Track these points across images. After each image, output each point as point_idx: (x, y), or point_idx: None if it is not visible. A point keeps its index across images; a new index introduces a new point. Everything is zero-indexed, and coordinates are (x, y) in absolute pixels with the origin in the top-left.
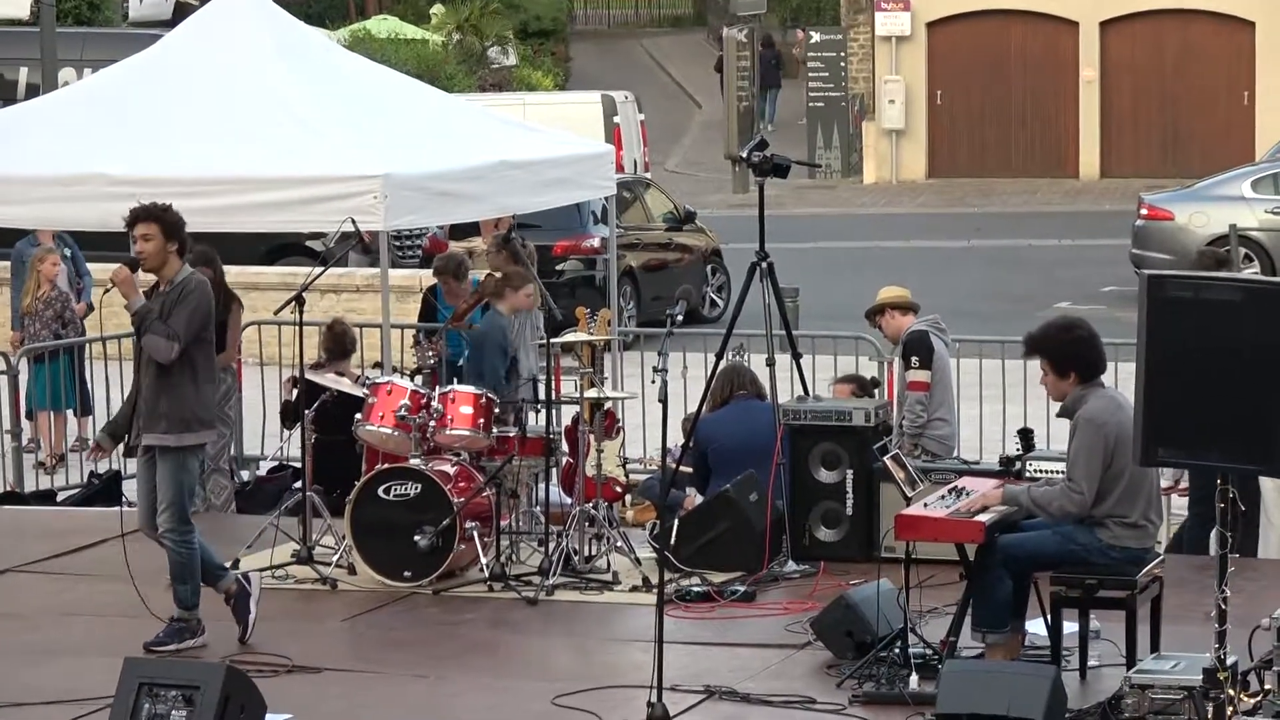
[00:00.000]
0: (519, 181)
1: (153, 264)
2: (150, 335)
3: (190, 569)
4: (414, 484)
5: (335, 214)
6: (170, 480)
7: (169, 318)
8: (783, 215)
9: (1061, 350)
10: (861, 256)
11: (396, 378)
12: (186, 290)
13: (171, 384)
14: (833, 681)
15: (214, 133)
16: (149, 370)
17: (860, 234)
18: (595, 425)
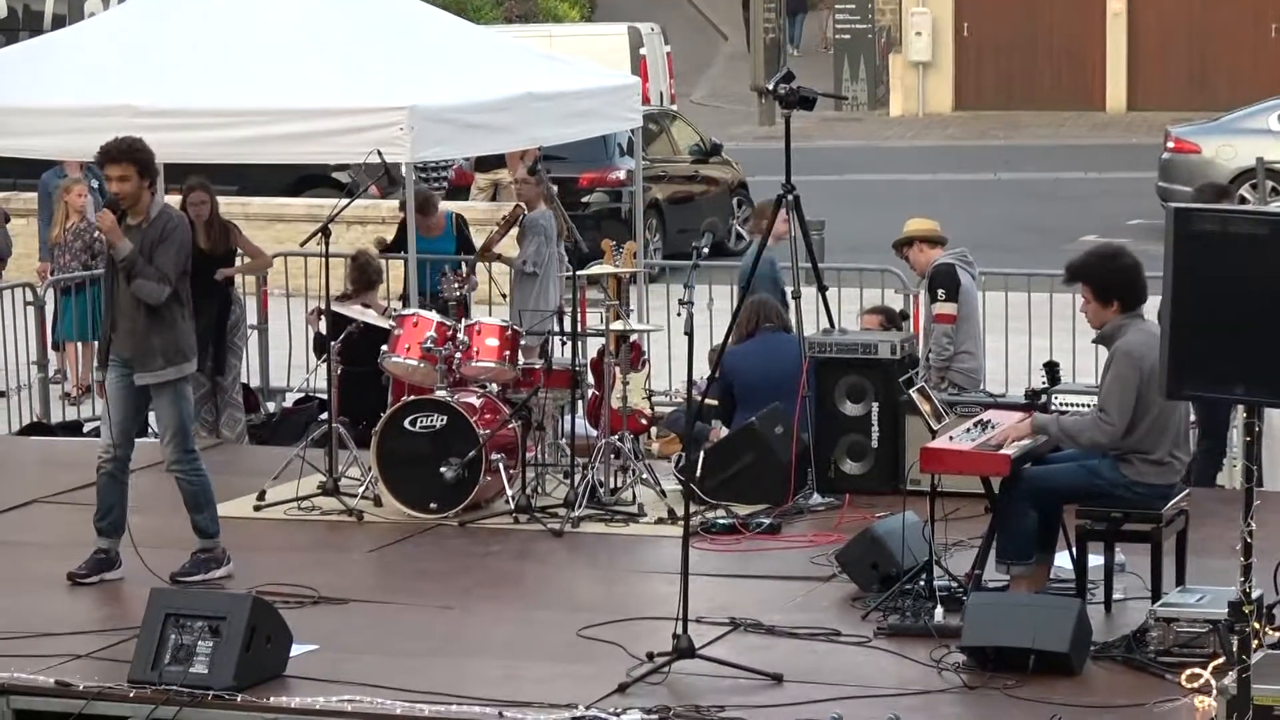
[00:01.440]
0: (545, 113)
1: (130, 203)
2: (141, 280)
3: (205, 496)
4: (440, 416)
5: (361, 145)
6: (172, 412)
7: (154, 257)
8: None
9: (1106, 278)
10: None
11: (422, 309)
12: (168, 228)
13: (162, 320)
14: (858, 614)
15: (240, 64)
16: (138, 310)
17: (887, 166)
18: (621, 358)
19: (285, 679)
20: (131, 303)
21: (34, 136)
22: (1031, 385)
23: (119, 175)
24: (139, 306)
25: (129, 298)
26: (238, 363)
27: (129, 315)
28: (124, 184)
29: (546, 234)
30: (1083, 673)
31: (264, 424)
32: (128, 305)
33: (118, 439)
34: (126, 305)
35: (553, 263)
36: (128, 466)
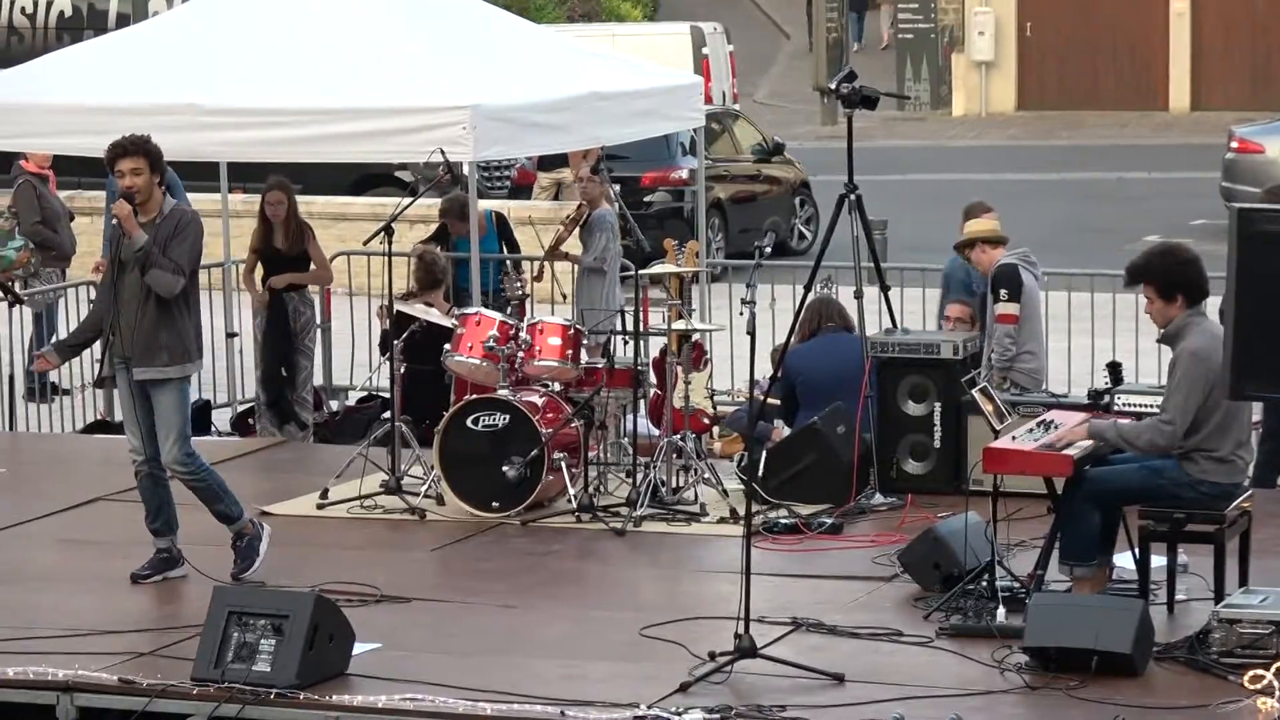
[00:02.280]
0: (607, 113)
1: (143, 197)
2: (156, 270)
3: (218, 487)
4: (502, 414)
5: (424, 145)
6: (176, 411)
7: (168, 251)
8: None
9: (1168, 274)
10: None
11: (485, 308)
12: (183, 223)
13: (171, 316)
14: (920, 614)
15: (303, 63)
16: (145, 305)
17: (949, 166)
18: (683, 357)
19: (347, 677)
20: (138, 298)
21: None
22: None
23: (131, 169)
24: (147, 301)
25: (135, 293)
26: (309, 364)
27: (133, 311)
28: (136, 177)
29: (614, 230)
30: (1145, 674)
31: (327, 423)
32: (133, 300)
33: (145, 439)
34: (132, 301)
35: (617, 261)
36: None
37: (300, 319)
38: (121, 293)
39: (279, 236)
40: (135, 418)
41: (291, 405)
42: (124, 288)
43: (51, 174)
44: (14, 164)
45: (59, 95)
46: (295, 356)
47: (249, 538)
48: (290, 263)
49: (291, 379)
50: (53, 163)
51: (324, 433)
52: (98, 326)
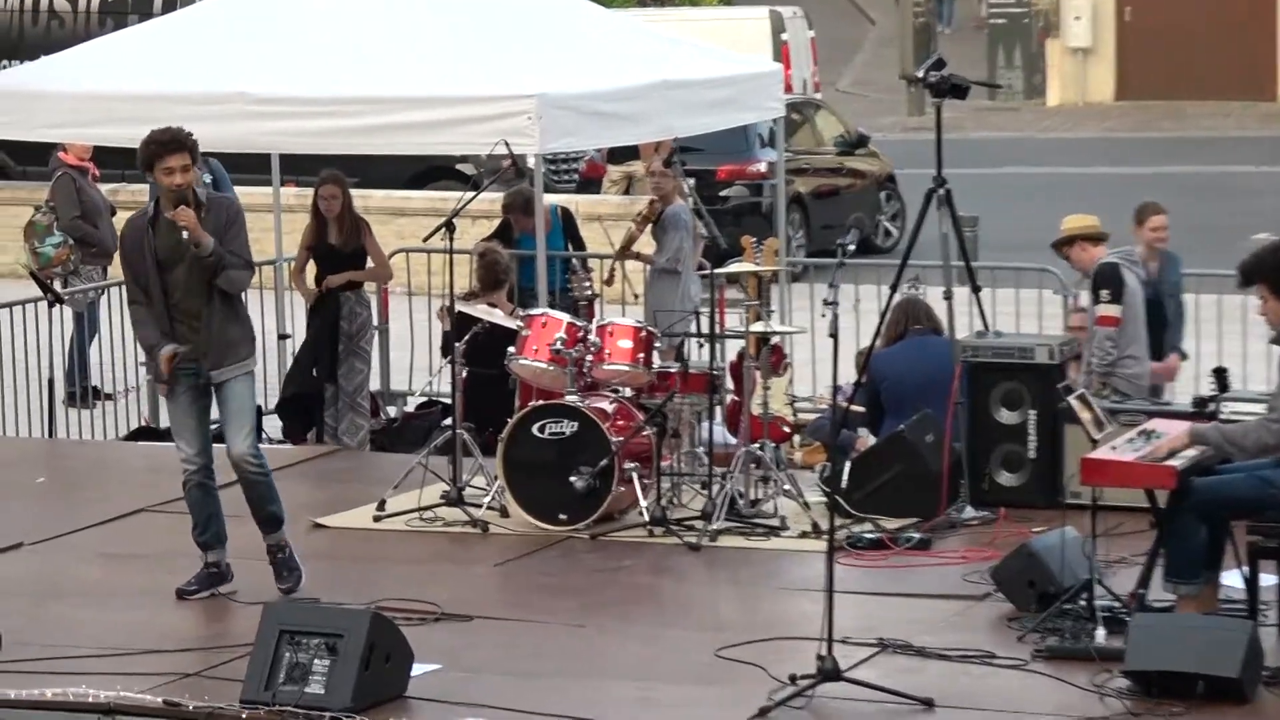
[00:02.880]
0: (681, 102)
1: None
2: (229, 270)
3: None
4: (570, 422)
5: (487, 135)
6: (250, 404)
7: (225, 245)
8: (961, 139)
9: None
10: (1044, 183)
11: (551, 309)
12: (231, 213)
13: (235, 309)
14: (1014, 635)
15: (360, 50)
16: (212, 303)
17: (1043, 159)
18: (762, 361)
19: (406, 700)
20: (200, 300)
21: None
22: (1200, 392)
23: (181, 165)
24: (213, 300)
25: (197, 293)
26: (364, 368)
27: (196, 313)
28: (186, 174)
29: (687, 228)
30: (1255, 700)
31: (385, 429)
32: (194, 304)
33: (200, 447)
34: (193, 304)
35: (691, 260)
36: (214, 473)
37: (356, 320)
38: (175, 301)
39: (333, 232)
40: (192, 424)
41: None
42: (175, 289)
43: (92, 166)
44: (52, 155)
45: (101, 83)
46: (351, 360)
47: (289, 549)
48: (345, 260)
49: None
50: (93, 154)
51: (381, 440)
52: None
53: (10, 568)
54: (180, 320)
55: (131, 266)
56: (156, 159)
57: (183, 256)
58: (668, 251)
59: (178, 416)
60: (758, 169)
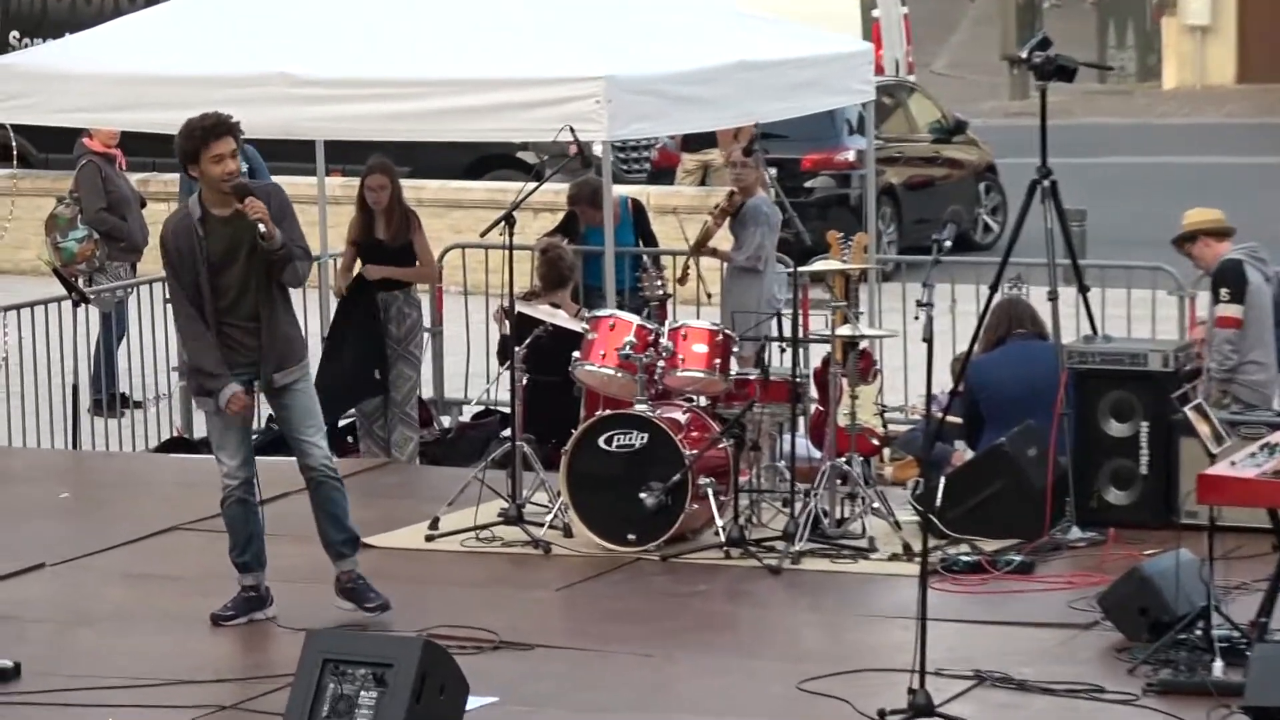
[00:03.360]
0: (762, 85)
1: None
2: (296, 263)
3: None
4: (640, 433)
5: (551, 121)
6: (316, 406)
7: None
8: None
9: None
10: (1159, 173)
11: (620, 310)
12: (279, 199)
13: (290, 307)
14: (1124, 667)
15: (412, 29)
16: (272, 302)
17: (1158, 148)
18: (849, 367)
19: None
20: (259, 299)
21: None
22: None
23: (230, 151)
24: (273, 298)
25: (255, 295)
26: (414, 374)
27: (252, 315)
28: (235, 160)
29: (770, 223)
30: None
31: (438, 441)
32: (250, 305)
33: (243, 459)
34: (249, 305)
35: (772, 257)
36: (255, 488)
37: (405, 322)
38: (224, 298)
39: (381, 226)
40: (236, 435)
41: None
42: (227, 291)
43: (120, 153)
44: (77, 142)
45: (130, 64)
46: (399, 365)
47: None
48: (393, 256)
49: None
50: (120, 141)
51: (434, 453)
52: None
53: (31, 590)
54: (233, 325)
55: (181, 276)
56: (202, 147)
57: (238, 255)
58: (747, 248)
59: (220, 426)
60: (845, 158)
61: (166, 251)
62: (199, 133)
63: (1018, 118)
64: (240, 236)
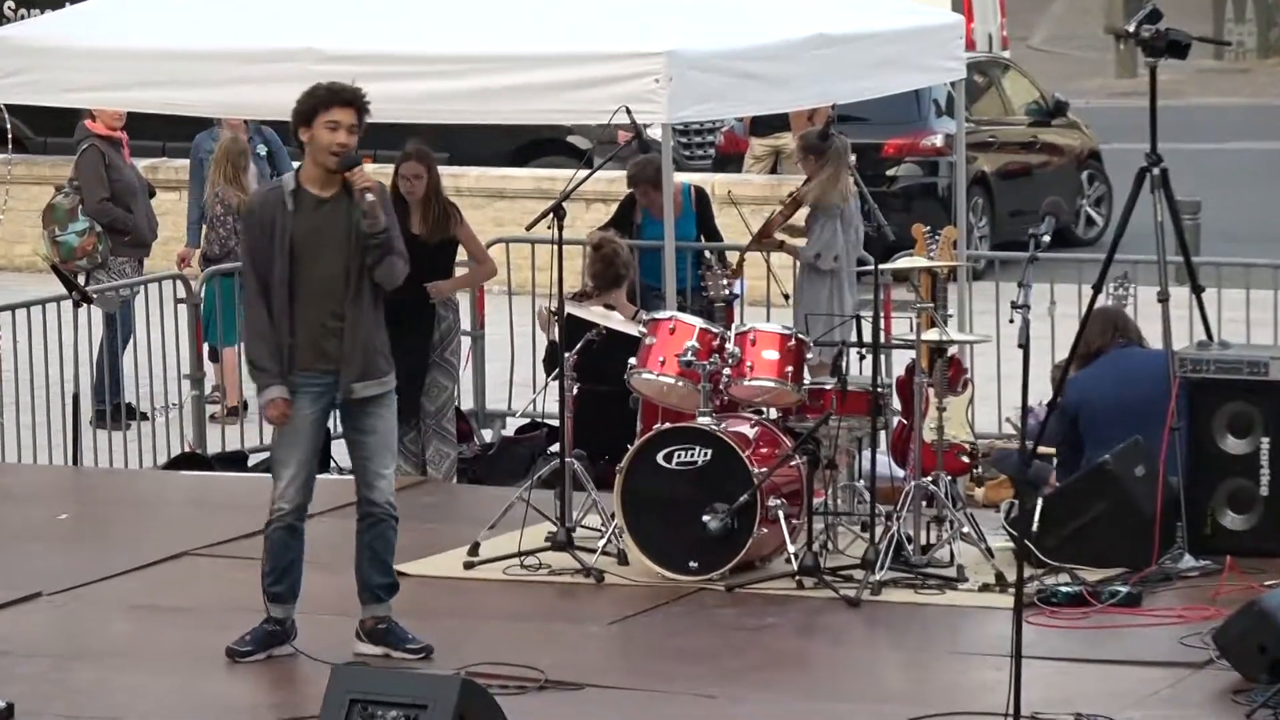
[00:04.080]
0: (840, 61)
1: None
2: (393, 257)
3: None
4: (703, 449)
5: (604, 102)
6: (395, 438)
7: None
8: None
9: None
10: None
11: (681, 312)
12: (385, 193)
13: (380, 312)
14: (1240, 711)
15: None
16: (360, 300)
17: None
18: (936, 376)
19: None
20: (348, 295)
21: (187, 88)
22: None
23: (350, 124)
24: (362, 296)
25: (344, 290)
26: (450, 384)
27: (337, 313)
28: (352, 135)
29: (844, 216)
30: None
31: (478, 458)
32: (336, 301)
33: (304, 480)
34: (334, 301)
35: (852, 253)
36: (307, 515)
37: (440, 325)
38: (307, 289)
39: (416, 220)
40: (303, 452)
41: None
42: (311, 282)
43: (125, 137)
44: (78, 124)
45: (136, 37)
46: (433, 374)
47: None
48: (431, 254)
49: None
50: (126, 123)
51: (474, 471)
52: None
53: (27, 622)
54: (314, 322)
55: (255, 253)
56: (321, 109)
57: (328, 241)
58: (818, 241)
59: (289, 439)
60: (933, 143)
61: (249, 225)
62: (322, 92)
63: (1124, 98)
64: (335, 221)
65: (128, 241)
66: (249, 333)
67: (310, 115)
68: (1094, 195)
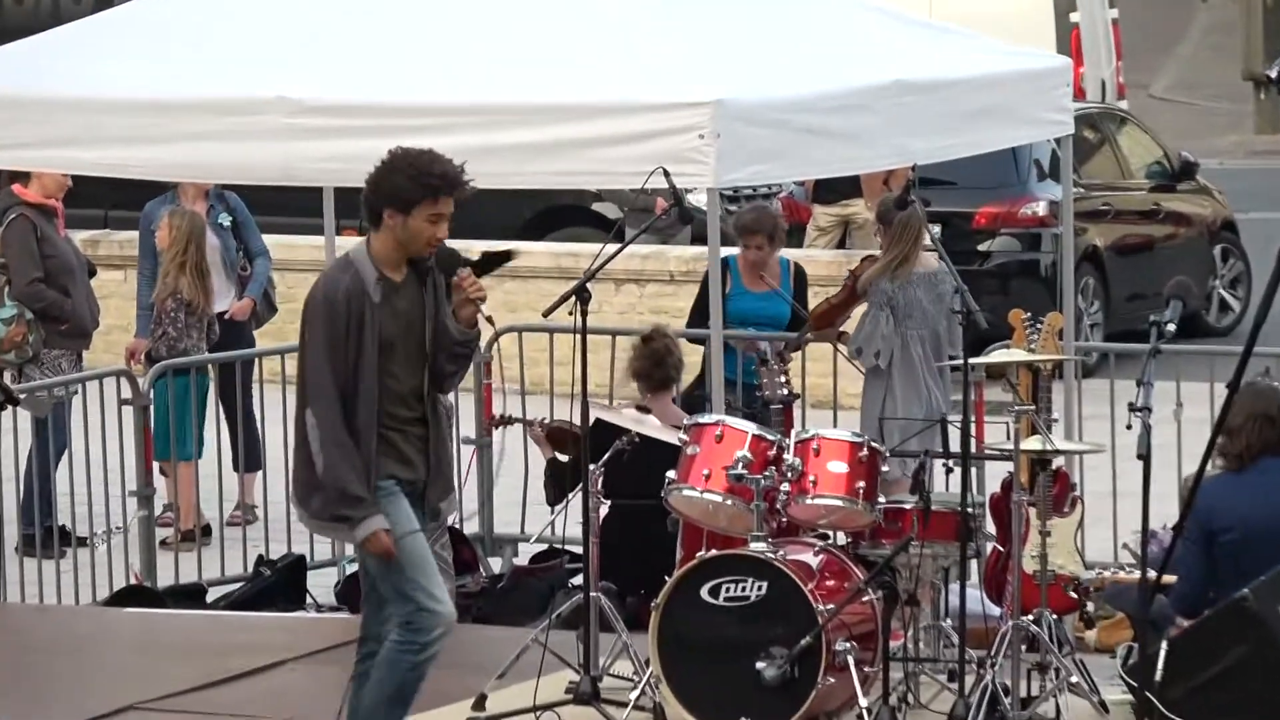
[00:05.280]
0: (922, 112)
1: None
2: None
3: None
4: (757, 581)
5: (638, 163)
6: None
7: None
8: None
9: None
10: None
11: (731, 416)
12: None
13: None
14: None
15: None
16: (436, 410)
17: None
18: (1039, 494)
19: None
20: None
21: (138, 145)
22: None
23: (449, 213)
24: (436, 399)
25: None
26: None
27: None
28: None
29: (899, 304)
30: None
31: (484, 592)
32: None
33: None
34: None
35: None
36: None
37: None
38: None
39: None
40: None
41: None
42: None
43: (60, 207)
44: (3, 190)
45: (80, 85)
46: None
47: None
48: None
49: None
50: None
51: (479, 607)
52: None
53: None
54: (396, 428)
55: (338, 353)
56: (428, 199)
57: (408, 335)
58: (859, 336)
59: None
60: (1034, 211)
61: (329, 318)
62: (436, 181)
63: (1266, 158)
64: (414, 311)
65: (64, 330)
66: (331, 451)
67: (411, 203)
68: (1229, 274)
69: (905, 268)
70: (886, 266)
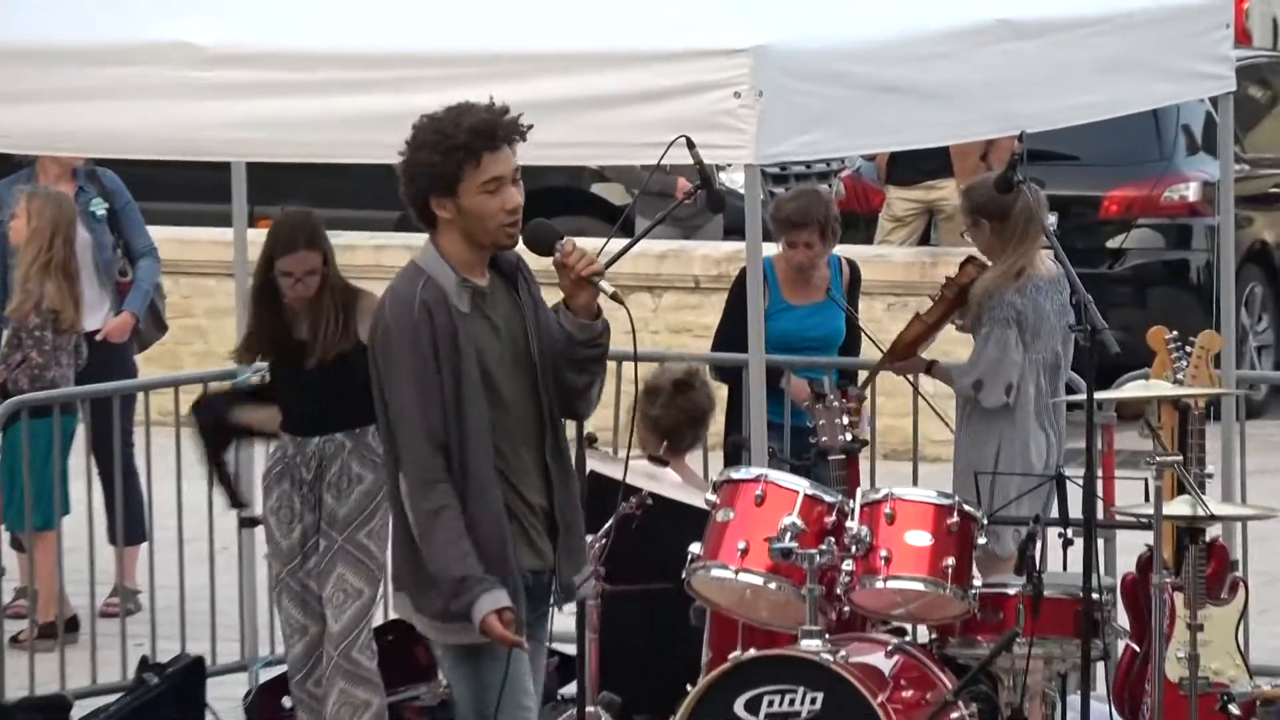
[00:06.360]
0: (1032, 65)
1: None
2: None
3: None
4: (810, 692)
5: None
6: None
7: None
8: None
9: None
10: None
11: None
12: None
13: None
14: None
15: None
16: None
17: None
18: (1188, 574)
19: None
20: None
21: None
22: None
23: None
24: (560, 437)
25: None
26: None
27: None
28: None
29: (1027, 319)
30: None
31: (445, 704)
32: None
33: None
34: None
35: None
36: None
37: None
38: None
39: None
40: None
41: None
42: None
43: None
44: None
45: None
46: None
47: None
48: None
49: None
50: None
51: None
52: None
53: None
54: (510, 484)
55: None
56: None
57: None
58: (984, 362)
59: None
60: (1182, 195)
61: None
62: (463, 138)
63: None
64: (513, 321)
65: None
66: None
67: (452, 179)
68: None
69: (1030, 272)
70: (1007, 273)
